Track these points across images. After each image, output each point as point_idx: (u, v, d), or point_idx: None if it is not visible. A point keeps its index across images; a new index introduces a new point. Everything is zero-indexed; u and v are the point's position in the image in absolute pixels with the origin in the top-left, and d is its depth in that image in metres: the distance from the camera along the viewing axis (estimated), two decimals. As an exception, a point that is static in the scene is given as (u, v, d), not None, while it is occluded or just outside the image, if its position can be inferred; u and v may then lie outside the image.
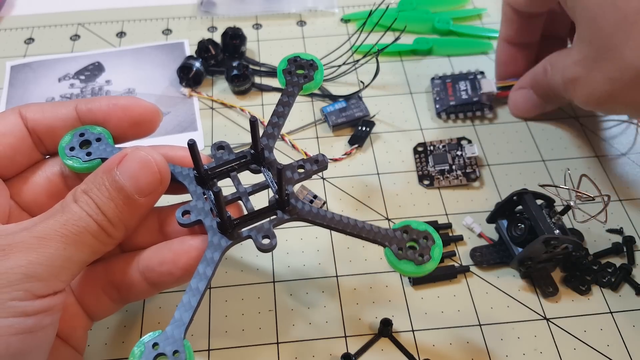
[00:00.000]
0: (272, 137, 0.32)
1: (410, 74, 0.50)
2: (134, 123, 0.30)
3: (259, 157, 0.31)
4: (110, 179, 0.27)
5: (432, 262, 0.28)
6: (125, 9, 0.56)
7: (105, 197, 0.26)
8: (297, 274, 0.37)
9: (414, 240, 0.29)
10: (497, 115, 0.46)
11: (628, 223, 0.39)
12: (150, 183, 0.27)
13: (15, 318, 0.23)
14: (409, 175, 0.42)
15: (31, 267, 0.24)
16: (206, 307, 0.35)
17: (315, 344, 0.34)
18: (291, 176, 0.30)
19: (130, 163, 0.27)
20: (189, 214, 0.29)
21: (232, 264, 0.37)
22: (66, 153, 0.29)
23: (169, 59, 0.50)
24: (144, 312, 0.35)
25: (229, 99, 0.47)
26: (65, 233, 0.25)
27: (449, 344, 0.34)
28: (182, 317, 0.26)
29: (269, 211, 0.29)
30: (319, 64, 0.34)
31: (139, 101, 0.31)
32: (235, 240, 0.28)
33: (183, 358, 0.24)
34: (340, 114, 0.45)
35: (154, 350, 0.24)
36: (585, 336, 0.34)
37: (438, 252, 0.28)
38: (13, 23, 0.54)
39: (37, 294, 0.24)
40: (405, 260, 0.28)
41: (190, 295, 0.26)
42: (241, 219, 0.29)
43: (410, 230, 0.29)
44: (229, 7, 0.55)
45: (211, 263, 0.27)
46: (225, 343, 0.34)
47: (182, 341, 0.25)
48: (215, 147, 0.31)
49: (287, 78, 0.34)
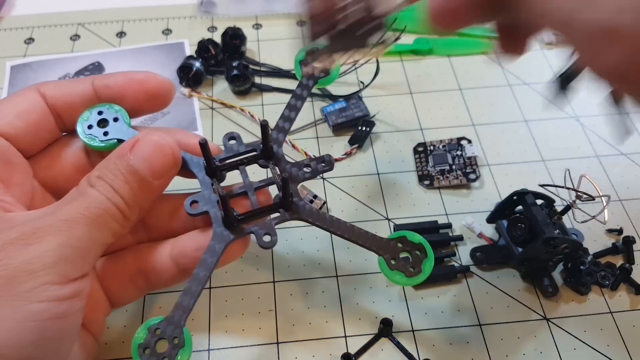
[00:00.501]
0: (283, 130, 0.32)
1: (410, 74, 0.50)
2: (150, 96, 0.31)
3: (268, 152, 0.31)
4: (124, 163, 0.27)
5: (422, 275, 0.29)
6: (125, 9, 0.56)
7: (121, 180, 0.27)
8: (297, 274, 0.37)
9: (408, 251, 0.29)
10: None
11: (628, 223, 0.39)
12: (164, 165, 0.28)
13: (50, 302, 0.24)
14: (409, 175, 0.42)
15: (62, 249, 0.24)
16: (206, 307, 0.35)
17: (315, 344, 0.34)
18: (297, 175, 0.31)
19: (143, 147, 0.28)
20: (197, 203, 0.29)
21: (232, 264, 0.37)
22: (84, 131, 0.30)
23: (169, 59, 0.50)
24: (144, 312, 0.35)
25: (229, 99, 0.47)
26: (89, 215, 0.26)
27: (449, 344, 0.34)
28: (185, 303, 0.27)
29: (273, 210, 0.30)
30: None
31: (153, 75, 0.31)
32: (238, 235, 0.29)
33: (182, 344, 0.26)
34: (340, 114, 0.45)
35: (156, 334, 0.26)
36: (585, 336, 0.34)
37: (429, 266, 0.29)
38: (13, 23, 0.54)
39: (69, 277, 0.25)
40: (396, 271, 0.29)
41: (193, 283, 0.27)
42: (245, 215, 0.29)
43: (405, 241, 0.30)
44: (229, 7, 0.55)
45: (215, 254, 0.28)
46: (225, 343, 0.34)
47: (182, 328, 0.26)
48: (227, 137, 0.32)
49: (303, 70, 0.33)
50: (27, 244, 0.24)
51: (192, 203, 0.30)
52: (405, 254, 0.29)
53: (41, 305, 0.23)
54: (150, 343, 0.26)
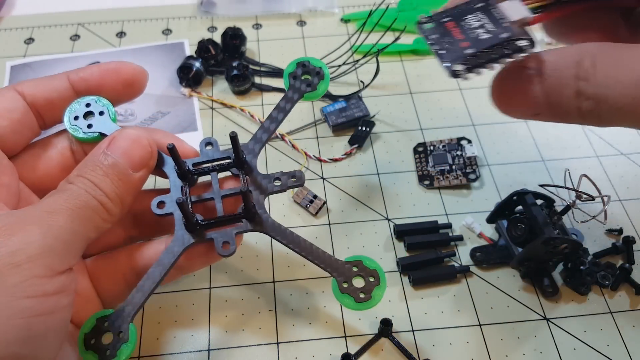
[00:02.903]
0: (259, 141, 0.32)
1: (410, 74, 0.50)
2: (126, 84, 0.32)
3: (241, 163, 0.31)
4: (102, 158, 0.28)
5: (371, 301, 0.29)
6: (125, 9, 0.56)
7: (100, 175, 0.27)
8: (297, 274, 0.37)
9: (361, 276, 0.30)
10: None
11: (628, 223, 0.39)
12: (142, 158, 0.29)
13: (37, 298, 0.23)
14: (409, 175, 0.42)
15: (46, 240, 0.24)
16: (206, 306, 0.35)
17: (315, 344, 0.34)
18: (266, 187, 0.31)
19: (120, 142, 0.28)
20: (164, 204, 0.30)
21: (232, 264, 0.37)
22: (70, 121, 0.31)
23: (169, 59, 0.50)
24: (144, 312, 0.35)
25: (229, 99, 0.47)
26: (70, 207, 0.26)
27: (449, 344, 0.34)
28: (135, 299, 0.27)
29: (236, 219, 0.30)
30: (326, 73, 0.33)
31: (127, 64, 0.32)
32: (197, 240, 0.29)
33: (126, 338, 0.26)
34: (340, 114, 0.45)
35: (103, 327, 0.27)
36: (585, 336, 0.34)
37: (380, 293, 0.29)
38: (13, 23, 0.54)
39: (56, 270, 0.24)
40: (347, 295, 0.29)
41: (147, 281, 0.28)
42: (207, 222, 0.30)
43: (360, 266, 0.30)
44: (229, 7, 0.55)
45: (172, 255, 0.29)
46: (225, 343, 0.34)
47: (129, 324, 0.27)
48: (204, 143, 0.32)
49: (291, 82, 0.33)
50: (9, 235, 0.23)
51: (159, 203, 0.30)
52: (359, 278, 0.30)
53: (28, 302, 0.23)
54: (96, 334, 0.26)
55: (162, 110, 0.47)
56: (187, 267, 0.31)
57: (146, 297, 0.28)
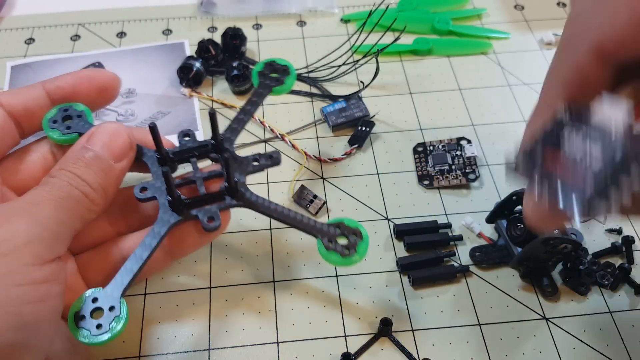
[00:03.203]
0: (235, 131, 0.34)
1: (410, 74, 0.50)
2: (100, 90, 0.33)
3: (219, 147, 0.33)
4: (83, 152, 0.29)
5: (356, 255, 0.30)
6: (125, 9, 0.56)
7: (82, 167, 0.28)
8: (297, 274, 0.37)
9: (345, 235, 0.31)
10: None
11: (627, 223, 0.39)
12: (122, 148, 0.30)
13: (28, 286, 0.24)
14: (409, 175, 0.42)
15: (32, 229, 0.25)
16: (207, 306, 0.36)
17: (315, 344, 0.34)
18: (245, 167, 0.33)
19: (100, 135, 0.29)
20: (146, 190, 0.31)
21: (232, 263, 0.38)
22: (49, 125, 0.32)
23: (169, 59, 0.51)
24: (144, 312, 0.35)
25: (229, 99, 0.47)
26: (53, 198, 0.26)
27: (449, 343, 0.34)
28: (122, 279, 0.28)
29: (219, 196, 0.31)
30: (292, 70, 0.37)
31: (100, 71, 0.34)
32: (183, 218, 0.30)
33: (118, 313, 0.27)
34: (340, 114, 0.45)
35: (93, 304, 0.27)
36: (585, 336, 0.34)
37: (364, 247, 0.31)
38: (13, 23, 0.54)
39: (43, 258, 0.25)
40: (332, 252, 0.30)
41: (133, 261, 0.29)
42: (192, 200, 0.31)
43: (342, 226, 0.31)
44: (229, 8, 0.55)
45: (157, 236, 0.30)
46: (225, 342, 0.34)
47: (119, 298, 0.27)
48: (182, 134, 0.34)
49: (260, 79, 0.36)
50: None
51: (141, 189, 0.31)
52: (343, 238, 0.31)
53: (19, 290, 0.23)
54: (86, 311, 0.27)
55: (162, 111, 0.47)
56: (177, 251, 0.32)
57: (132, 278, 0.28)
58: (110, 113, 0.46)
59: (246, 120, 0.35)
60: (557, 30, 0.53)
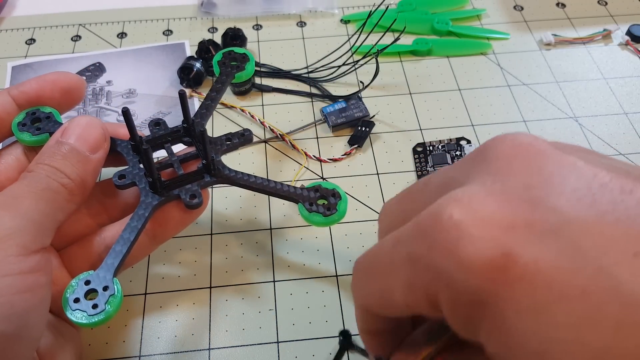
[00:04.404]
0: (204, 116, 0.35)
1: (410, 74, 0.50)
2: (64, 92, 0.33)
3: (190, 131, 0.34)
4: (59, 146, 0.29)
5: (338, 214, 0.32)
6: (126, 9, 0.56)
7: (59, 159, 0.28)
8: (297, 273, 0.37)
9: (324, 197, 0.32)
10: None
11: None
12: (96, 139, 0.30)
13: (15, 276, 0.24)
14: (409, 175, 0.42)
15: (15, 221, 0.25)
16: (207, 306, 0.36)
17: (315, 344, 0.34)
18: (219, 147, 0.34)
19: (74, 128, 0.30)
20: (124, 177, 0.32)
21: (232, 263, 0.38)
22: (18, 129, 0.32)
23: (170, 60, 0.51)
24: (145, 312, 0.36)
25: (229, 99, 0.47)
26: (33, 190, 0.27)
27: (448, 343, 0.34)
28: (113, 262, 0.28)
29: (197, 175, 0.32)
30: (250, 57, 0.38)
31: (64, 74, 0.34)
32: (165, 198, 0.31)
33: (113, 291, 0.27)
34: (340, 114, 0.45)
35: (86, 286, 0.27)
36: (584, 335, 0.34)
37: (344, 205, 0.32)
38: (14, 24, 0.54)
39: (29, 249, 0.25)
40: (315, 213, 0.32)
41: (121, 244, 0.29)
42: (171, 181, 0.32)
43: (320, 189, 0.33)
44: (230, 8, 0.55)
45: (141, 218, 0.30)
46: (225, 342, 0.34)
47: (112, 279, 0.27)
48: (153, 123, 0.34)
49: (221, 68, 0.38)
50: None
51: (119, 177, 0.32)
52: (322, 200, 0.32)
53: (7, 280, 0.24)
54: (80, 294, 0.27)
55: (162, 111, 0.47)
56: (160, 233, 0.32)
57: (121, 260, 0.28)
58: (111, 113, 0.47)
59: (213, 105, 0.36)
60: (556, 30, 0.53)
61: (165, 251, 0.38)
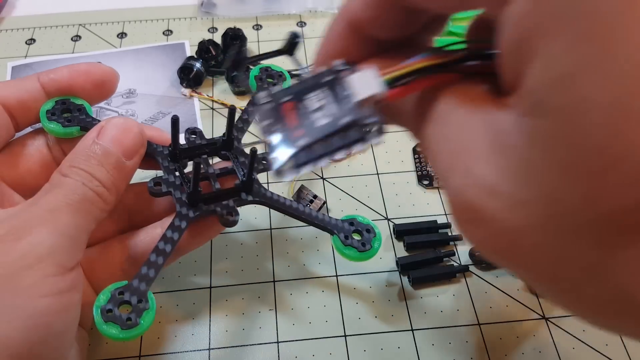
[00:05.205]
0: (241, 130, 0.34)
1: (410, 74, 0.50)
2: (96, 85, 0.32)
3: (229, 144, 0.33)
4: (95, 148, 0.28)
5: (372, 250, 0.31)
6: (126, 9, 0.56)
7: (95, 165, 0.27)
8: (297, 273, 0.37)
9: (359, 232, 0.32)
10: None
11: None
12: (134, 144, 0.29)
13: (53, 297, 0.23)
14: (409, 175, 0.42)
15: (53, 239, 0.24)
16: (207, 306, 0.36)
17: (315, 344, 0.34)
18: (256, 165, 0.33)
19: (110, 130, 0.28)
20: (160, 185, 0.30)
21: (232, 263, 0.38)
22: (47, 117, 0.31)
23: (170, 60, 0.51)
24: (145, 311, 0.36)
25: (230, 99, 0.47)
26: (70, 203, 0.26)
27: (449, 343, 0.34)
28: (148, 272, 0.27)
29: (235, 192, 0.31)
30: (287, 77, 0.37)
31: (97, 65, 0.32)
32: (202, 213, 0.30)
33: (147, 306, 0.26)
34: (340, 114, 0.45)
35: (119, 298, 0.26)
36: (584, 335, 0.34)
37: (378, 244, 0.32)
38: (14, 24, 0.54)
39: (66, 267, 0.24)
40: (350, 247, 0.31)
41: (157, 254, 0.28)
42: (209, 195, 0.31)
43: (356, 222, 0.32)
44: (230, 8, 0.55)
45: (177, 230, 0.29)
46: (225, 342, 0.34)
47: (147, 292, 0.26)
48: (189, 132, 0.33)
49: (258, 84, 0.36)
50: (17, 239, 0.24)
51: (155, 184, 0.31)
52: (357, 234, 0.32)
53: (45, 301, 0.23)
54: (113, 306, 0.26)
55: (162, 111, 0.47)
56: (184, 246, 0.31)
57: (157, 271, 0.27)
58: (111, 113, 0.46)
59: (250, 120, 0.35)
60: (556, 30, 0.53)
61: (165, 251, 0.38)
